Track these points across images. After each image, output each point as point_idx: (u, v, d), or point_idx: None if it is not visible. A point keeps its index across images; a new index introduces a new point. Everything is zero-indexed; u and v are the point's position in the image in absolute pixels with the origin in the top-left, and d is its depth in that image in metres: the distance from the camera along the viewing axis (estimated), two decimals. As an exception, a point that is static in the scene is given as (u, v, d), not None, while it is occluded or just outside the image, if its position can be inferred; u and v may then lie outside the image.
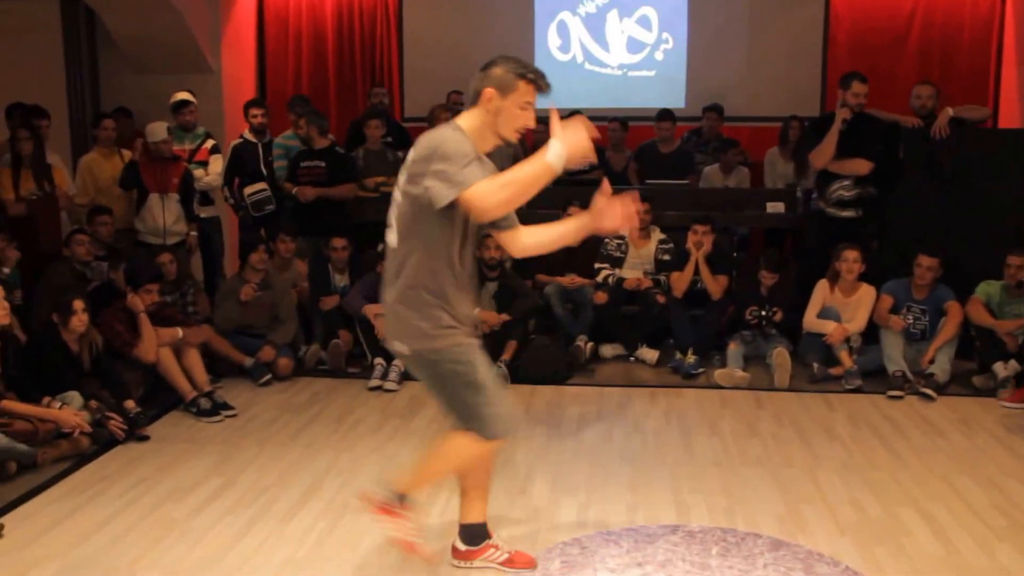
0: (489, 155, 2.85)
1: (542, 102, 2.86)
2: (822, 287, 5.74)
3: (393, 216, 2.84)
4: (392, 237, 2.84)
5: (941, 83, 6.93)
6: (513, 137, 2.82)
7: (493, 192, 2.60)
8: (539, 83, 2.77)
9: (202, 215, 6.57)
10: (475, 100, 2.78)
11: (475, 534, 3.14)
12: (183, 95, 6.64)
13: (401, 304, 2.80)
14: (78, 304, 4.56)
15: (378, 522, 3.03)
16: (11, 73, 7.80)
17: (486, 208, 2.62)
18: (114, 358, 4.86)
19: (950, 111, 5.90)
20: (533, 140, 6.40)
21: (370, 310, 5.62)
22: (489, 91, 2.74)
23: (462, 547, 3.16)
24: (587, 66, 8.98)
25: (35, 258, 5.72)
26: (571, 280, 6.21)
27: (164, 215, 6.15)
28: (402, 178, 2.79)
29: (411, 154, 2.77)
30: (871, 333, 5.65)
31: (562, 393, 5.37)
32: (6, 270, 5.32)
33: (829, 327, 5.56)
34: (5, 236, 5.31)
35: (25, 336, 4.90)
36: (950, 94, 7.72)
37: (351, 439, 4.53)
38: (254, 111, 6.81)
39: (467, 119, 2.79)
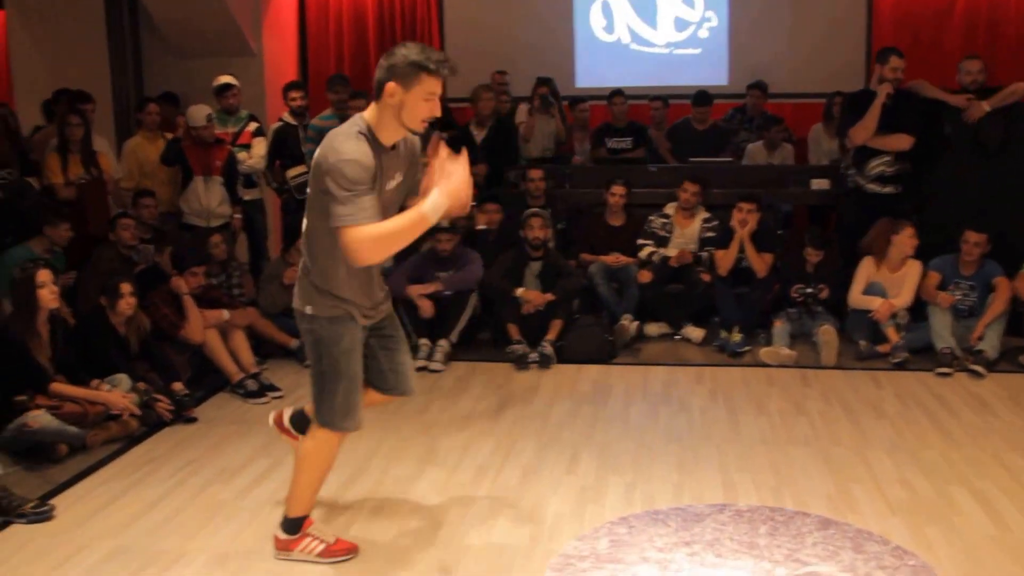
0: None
1: (590, 79, 2.82)
2: (867, 263, 5.63)
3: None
4: (306, 215, 2.89)
5: (988, 53, 6.75)
6: (419, 127, 2.80)
7: (368, 245, 2.66)
8: (441, 72, 2.70)
9: (246, 198, 6.61)
10: (379, 94, 2.72)
11: (295, 525, 3.12)
12: (226, 79, 6.66)
13: (301, 276, 2.94)
14: (125, 287, 4.61)
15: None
16: (56, 59, 7.90)
17: (358, 257, 2.69)
18: (161, 341, 4.91)
19: (986, 107, 5.68)
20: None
21: (413, 291, 5.63)
22: (391, 85, 2.70)
23: (283, 537, 3.13)
24: (633, 46, 8.88)
25: (84, 242, 5.80)
26: (615, 259, 6.16)
27: (208, 197, 6.19)
28: (312, 163, 2.81)
29: (319, 148, 2.75)
30: (918, 310, 5.53)
31: (607, 372, 5.33)
32: (57, 249, 5.39)
33: (875, 303, 5.45)
34: (57, 218, 5.37)
35: (74, 320, 4.97)
36: (998, 64, 7.51)
37: (397, 420, 4.54)
38: (293, 94, 6.81)
39: (372, 112, 2.77)
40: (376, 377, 3.08)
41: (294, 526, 3.10)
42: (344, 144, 2.68)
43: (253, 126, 6.70)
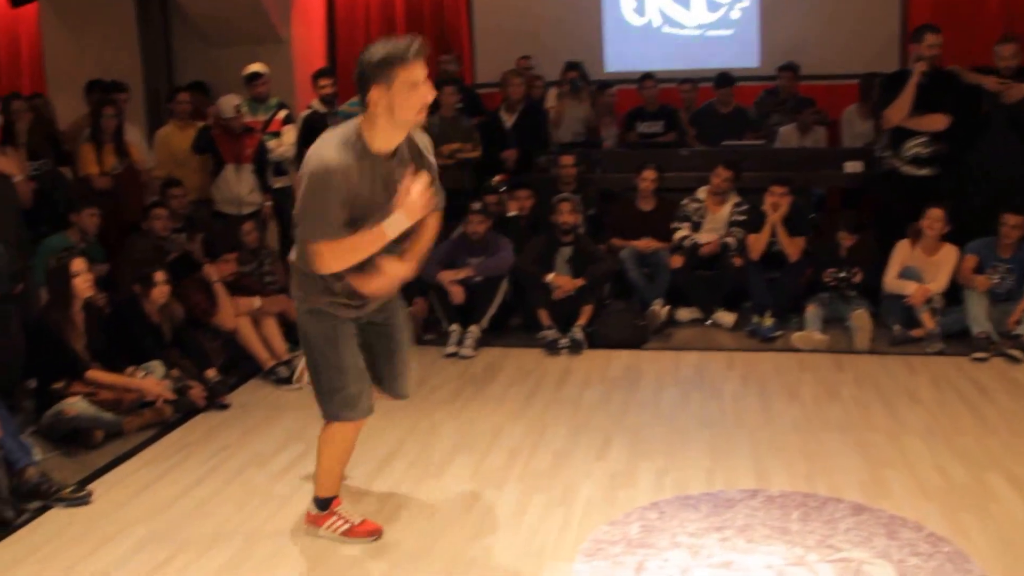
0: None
1: (620, 62, 2.79)
2: (902, 247, 5.56)
3: None
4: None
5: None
6: (418, 118, 2.70)
7: (329, 257, 2.72)
8: (413, 57, 2.61)
9: (276, 186, 6.65)
10: (365, 105, 2.66)
11: (325, 503, 3.21)
12: (256, 67, 6.70)
13: (294, 265, 2.95)
14: (159, 276, 4.67)
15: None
16: (88, 50, 7.99)
17: (320, 267, 2.75)
18: (194, 328, 4.97)
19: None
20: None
21: (445, 276, 5.65)
22: (373, 93, 2.63)
23: (314, 512, 3.22)
24: (665, 29, 8.82)
25: (118, 231, 5.89)
26: (646, 244, 6.14)
27: (239, 185, 6.25)
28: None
29: (312, 145, 2.75)
30: (954, 294, 5.46)
31: (638, 358, 5.32)
32: (90, 238, 5.47)
33: (910, 288, 5.39)
34: (83, 204, 5.44)
35: (108, 308, 5.05)
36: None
37: (428, 405, 4.57)
38: (322, 81, 6.82)
39: (367, 124, 2.70)
40: (373, 375, 3.10)
41: (323, 504, 3.19)
42: (327, 152, 2.66)
43: (283, 114, 6.74)
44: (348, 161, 2.66)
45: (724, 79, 7.38)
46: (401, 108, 2.64)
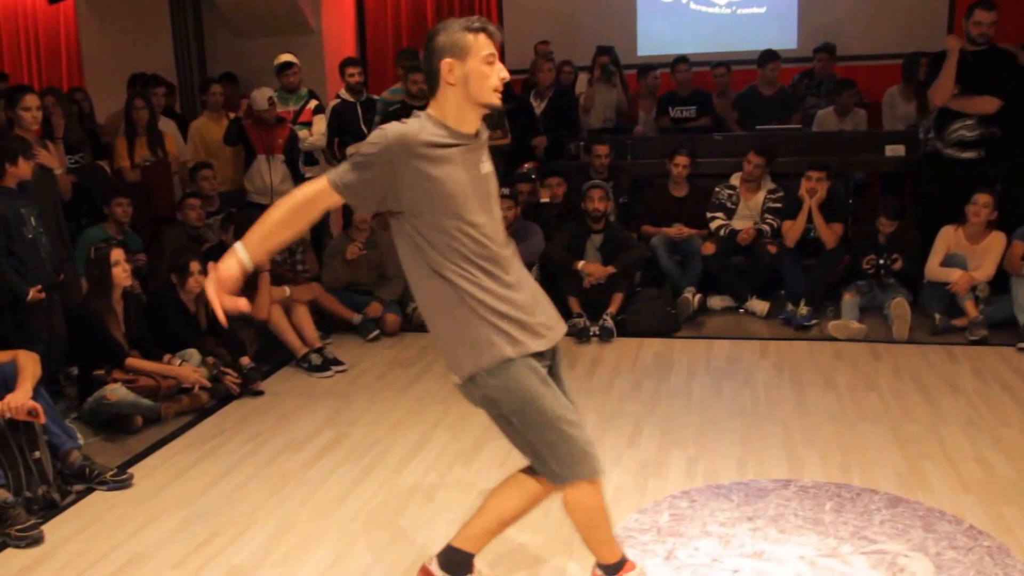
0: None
1: (652, 46, 2.64)
2: (946, 233, 5.49)
3: None
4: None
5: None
6: (494, 98, 2.37)
7: (288, 202, 2.37)
8: (488, 29, 2.35)
9: (307, 175, 6.74)
10: (435, 83, 2.35)
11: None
12: (286, 57, 6.78)
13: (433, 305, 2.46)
14: (194, 266, 4.77)
15: None
16: (123, 43, 8.14)
17: (290, 194, 2.41)
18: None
19: None
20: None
21: (474, 265, 5.68)
22: (446, 63, 2.32)
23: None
24: (693, 6, 8.73)
25: (151, 222, 6.01)
26: (678, 230, 6.13)
27: (271, 176, 6.34)
28: None
29: None
30: (1000, 282, 5.38)
31: (670, 346, 5.33)
32: (128, 229, 5.59)
33: (954, 275, 5.32)
34: (115, 195, 5.56)
35: (146, 297, 5.17)
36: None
37: (457, 393, 4.59)
38: (350, 70, 6.87)
39: (436, 105, 2.37)
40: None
41: (612, 569, 2.61)
42: (392, 124, 2.33)
43: (313, 103, 6.81)
44: (416, 132, 2.30)
45: (768, 56, 7.23)
46: (477, 83, 2.34)
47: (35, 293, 4.26)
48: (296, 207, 2.35)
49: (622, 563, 2.60)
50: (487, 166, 2.49)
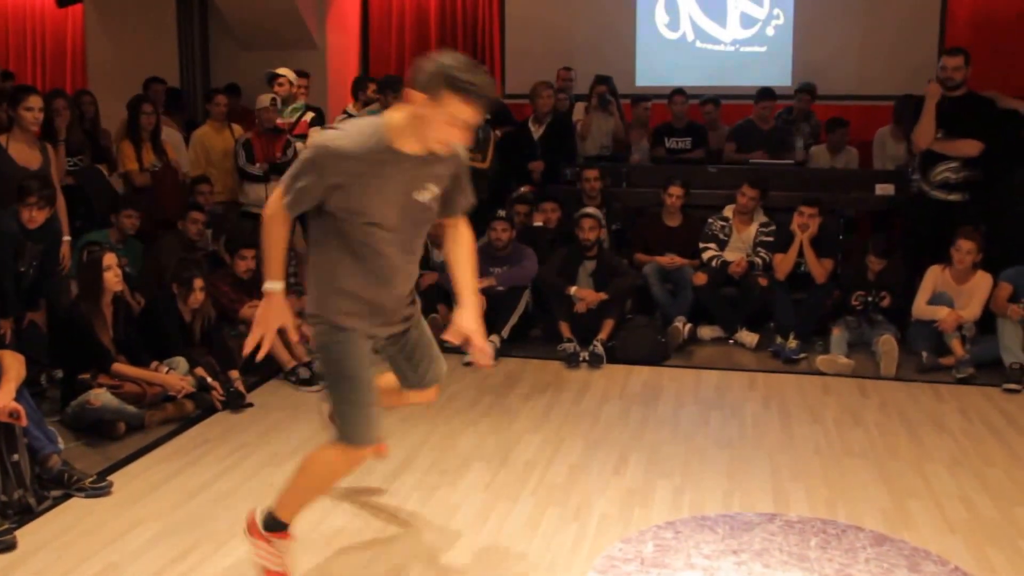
0: None
1: (650, 77, 2.72)
2: (933, 272, 5.47)
3: None
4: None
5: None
6: (437, 148, 2.51)
7: (269, 222, 2.63)
8: (471, 96, 2.37)
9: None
10: (403, 90, 2.48)
11: (275, 525, 2.80)
12: (278, 69, 6.77)
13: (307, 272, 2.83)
14: (198, 283, 4.70)
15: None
16: (128, 51, 8.10)
17: (265, 216, 2.65)
18: (221, 323, 4.97)
19: None
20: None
21: (466, 285, 5.62)
22: (416, 93, 2.41)
23: (258, 522, 2.82)
24: (698, 44, 8.78)
25: (156, 226, 5.94)
26: (671, 260, 6.08)
27: (266, 187, 6.28)
28: None
29: None
30: (986, 323, 5.35)
31: (659, 374, 5.26)
32: (130, 235, 5.52)
33: (941, 313, 5.29)
34: (131, 208, 5.50)
35: (138, 302, 5.08)
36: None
37: (446, 413, 4.54)
38: (370, 85, 6.83)
39: (394, 119, 2.50)
40: (400, 376, 2.95)
41: (275, 525, 2.80)
42: (332, 135, 2.50)
43: (310, 116, 6.76)
44: (352, 150, 2.45)
45: (765, 93, 7.29)
46: (431, 130, 2.45)
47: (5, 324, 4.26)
48: (272, 226, 2.62)
49: (284, 528, 2.80)
50: (426, 194, 2.62)
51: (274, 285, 2.63)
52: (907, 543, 3.19)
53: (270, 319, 2.64)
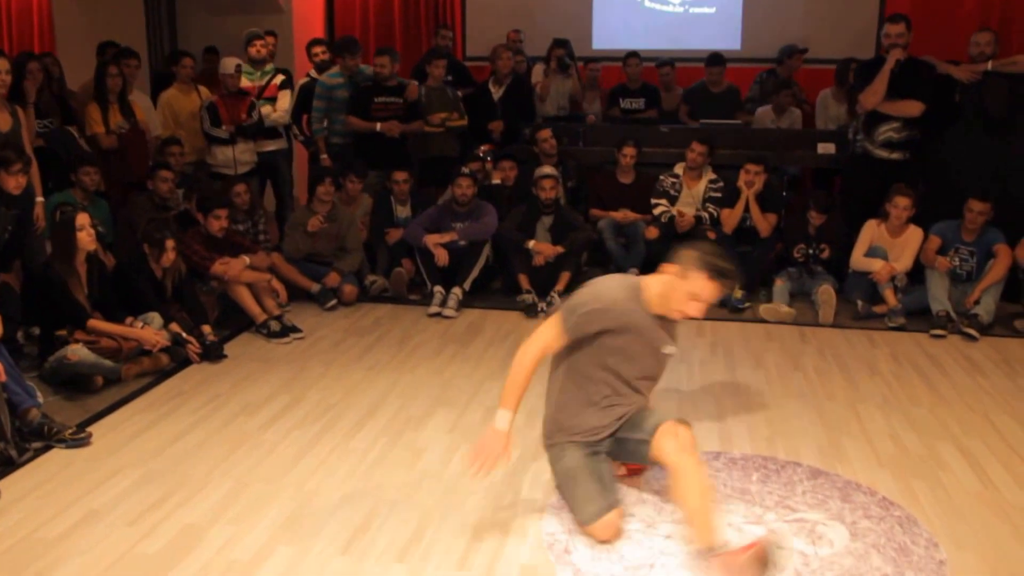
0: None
1: (607, 41, 2.77)
2: (870, 227, 5.55)
3: None
4: None
5: (1003, 27, 6.54)
6: (674, 316, 2.83)
7: (525, 352, 2.84)
8: (727, 283, 2.74)
9: (268, 149, 6.56)
10: (666, 266, 2.77)
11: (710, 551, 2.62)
12: (254, 29, 6.62)
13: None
14: (170, 243, 4.63)
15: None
16: (95, 14, 7.85)
17: (526, 346, 2.86)
18: (192, 279, 4.92)
19: (988, 66, 5.58)
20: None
21: (430, 240, 5.62)
22: (673, 268, 2.75)
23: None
24: (647, 3, 8.70)
25: (123, 187, 5.82)
26: (624, 215, 6.11)
27: (233, 148, 6.19)
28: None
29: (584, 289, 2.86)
30: (917, 273, 5.47)
31: (612, 324, 5.30)
32: (96, 196, 5.41)
33: (876, 265, 5.39)
34: (88, 166, 5.37)
35: (110, 260, 5.00)
36: (1013, 37, 7.32)
37: (412, 362, 4.56)
38: (315, 49, 6.76)
39: (650, 284, 2.82)
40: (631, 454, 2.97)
41: (709, 551, 2.60)
42: (608, 284, 2.81)
43: (279, 79, 6.63)
44: (624, 303, 2.77)
45: (715, 59, 7.28)
46: (675, 299, 2.74)
47: None
48: (525, 360, 2.84)
49: (716, 549, 2.60)
50: (670, 348, 2.91)
51: (504, 420, 2.76)
52: (840, 476, 3.30)
53: (490, 451, 2.74)
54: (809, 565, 2.70)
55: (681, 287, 2.72)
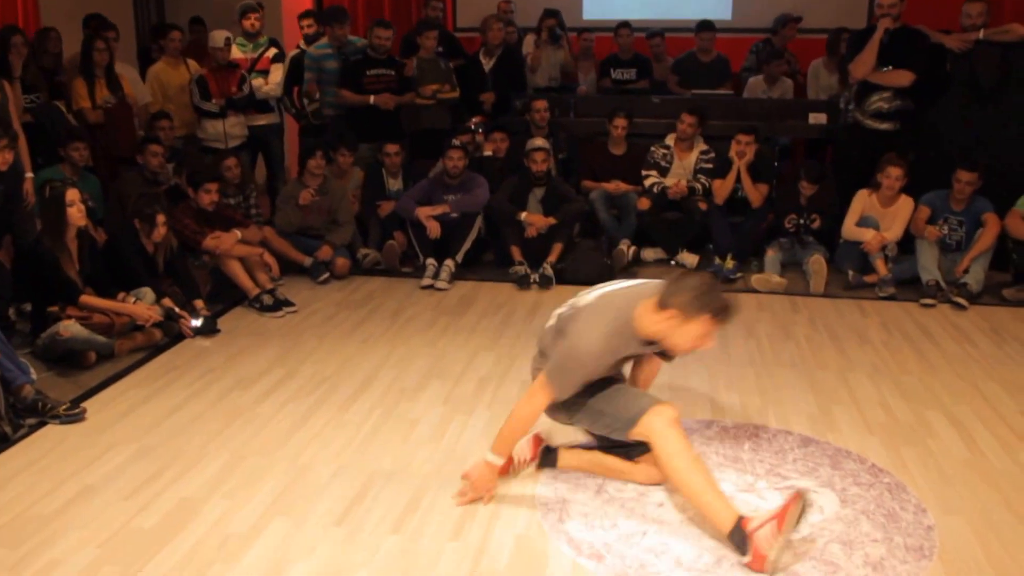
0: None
1: (597, 10, 2.70)
2: (861, 197, 5.54)
3: None
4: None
5: (995, -2, 6.46)
6: (679, 353, 2.82)
7: (527, 405, 2.82)
8: (721, 320, 2.68)
9: (260, 122, 6.50)
10: (663, 307, 2.65)
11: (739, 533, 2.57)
12: (249, 1, 6.52)
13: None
14: (160, 218, 4.59)
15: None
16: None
17: (526, 400, 2.84)
18: (184, 254, 4.89)
19: (980, 36, 5.54)
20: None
21: (423, 212, 5.58)
22: (673, 312, 2.64)
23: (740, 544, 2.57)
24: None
25: (112, 162, 5.75)
26: (615, 186, 6.08)
27: (224, 122, 6.12)
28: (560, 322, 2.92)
29: (574, 322, 2.79)
30: (907, 243, 5.46)
31: (604, 295, 5.29)
32: (85, 171, 5.35)
33: (867, 235, 5.38)
34: (77, 141, 5.31)
35: (100, 236, 4.95)
36: (1005, 7, 7.26)
37: (404, 334, 4.55)
38: (305, 21, 6.68)
39: (644, 320, 2.70)
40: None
41: (738, 533, 2.56)
42: (594, 337, 2.70)
43: (272, 52, 6.55)
44: (613, 348, 2.74)
45: (705, 25, 7.23)
46: (679, 340, 2.68)
47: None
48: (527, 410, 2.82)
49: (747, 534, 2.55)
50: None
51: (497, 459, 2.86)
52: (831, 444, 3.31)
53: (483, 485, 2.88)
54: (799, 531, 2.72)
55: (687, 331, 2.65)
